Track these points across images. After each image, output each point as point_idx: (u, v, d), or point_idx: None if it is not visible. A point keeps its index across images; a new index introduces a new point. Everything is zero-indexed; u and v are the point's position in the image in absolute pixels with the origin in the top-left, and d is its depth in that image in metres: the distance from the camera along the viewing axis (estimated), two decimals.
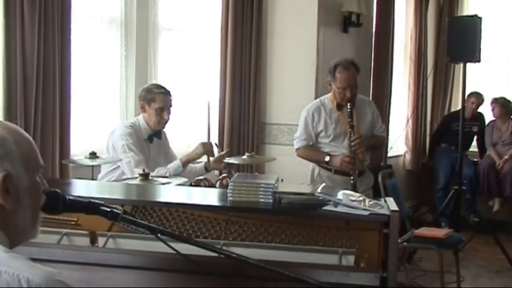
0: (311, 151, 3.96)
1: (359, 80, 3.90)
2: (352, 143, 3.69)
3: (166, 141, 3.94)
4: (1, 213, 1.21)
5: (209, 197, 2.43)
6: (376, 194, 4.10)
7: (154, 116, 3.64)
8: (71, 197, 1.47)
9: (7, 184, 1.20)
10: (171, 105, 3.70)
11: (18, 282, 1.08)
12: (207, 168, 3.79)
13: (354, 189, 3.46)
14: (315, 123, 3.90)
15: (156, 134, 3.74)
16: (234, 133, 4.93)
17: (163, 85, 3.81)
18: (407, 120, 7.10)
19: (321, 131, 3.89)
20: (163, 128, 3.76)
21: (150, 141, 3.72)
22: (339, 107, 3.86)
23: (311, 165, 4.05)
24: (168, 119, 3.71)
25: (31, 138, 1.30)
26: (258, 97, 5.04)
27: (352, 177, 3.67)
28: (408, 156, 7.17)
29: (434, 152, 7.05)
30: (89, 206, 1.53)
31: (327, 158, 3.82)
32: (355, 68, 3.85)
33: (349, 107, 3.71)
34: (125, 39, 4.59)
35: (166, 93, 3.68)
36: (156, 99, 3.63)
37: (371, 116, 3.97)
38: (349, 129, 3.71)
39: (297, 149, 4.00)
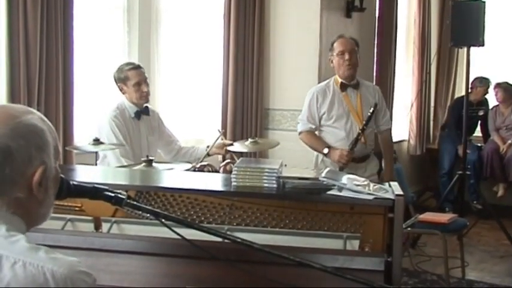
0: (312, 138, 3.94)
1: (360, 64, 3.88)
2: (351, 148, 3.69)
3: (159, 120, 3.90)
4: (29, 202, 1.20)
5: (213, 182, 2.42)
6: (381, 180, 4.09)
7: (134, 93, 3.62)
8: (74, 182, 1.47)
9: (43, 176, 1.20)
10: (146, 78, 3.68)
11: (43, 274, 1.08)
12: (208, 153, 3.78)
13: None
14: (319, 104, 3.88)
15: (142, 111, 3.71)
16: (237, 119, 4.91)
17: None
18: (412, 105, 7.07)
19: (324, 113, 3.86)
20: (147, 101, 3.73)
21: (138, 118, 3.68)
22: (343, 87, 3.83)
23: (315, 152, 4.03)
24: (148, 91, 3.68)
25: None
26: (261, 82, 5.02)
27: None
28: (412, 142, 7.15)
29: (439, 137, 7.03)
30: (93, 191, 1.52)
31: (326, 151, 3.80)
32: (354, 40, 3.89)
33: (370, 111, 3.72)
34: (128, 26, 4.58)
35: (137, 67, 3.67)
36: (130, 76, 3.62)
37: (375, 102, 3.89)
38: (359, 131, 3.70)
39: (300, 133, 3.98)
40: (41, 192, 1.21)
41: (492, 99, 6.81)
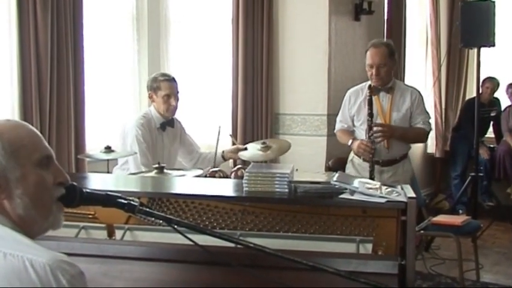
0: (342, 133, 4.00)
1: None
2: (374, 130, 3.64)
3: (181, 129, 3.95)
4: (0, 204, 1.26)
5: (225, 187, 2.42)
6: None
7: (162, 104, 3.67)
8: (87, 190, 1.48)
9: None
10: (177, 92, 3.72)
11: (22, 263, 1.11)
12: (224, 157, 3.83)
13: (370, 178, 3.44)
14: (350, 106, 3.93)
15: (168, 123, 3.76)
16: (248, 124, 4.92)
17: (172, 74, 3.83)
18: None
19: (354, 115, 3.90)
20: (174, 114, 3.77)
21: (163, 129, 3.74)
22: (375, 91, 3.79)
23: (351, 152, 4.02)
24: (176, 105, 3.72)
25: (31, 131, 1.33)
26: (271, 87, 5.02)
27: (369, 168, 3.65)
28: (429, 144, 7.11)
29: (451, 138, 6.99)
30: (106, 199, 1.53)
31: (349, 142, 3.84)
32: (387, 47, 3.80)
33: (368, 95, 3.69)
34: (137, 34, 4.60)
35: (170, 80, 3.71)
36: (162, 87, 3.67)
37: (409, 105, 3.83)
38: (368, 117, 3.67)
39: (335, 132, 4.07)
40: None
41: (504, 99, 6.76)
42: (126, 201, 1.53)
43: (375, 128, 3.65)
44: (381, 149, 3.72)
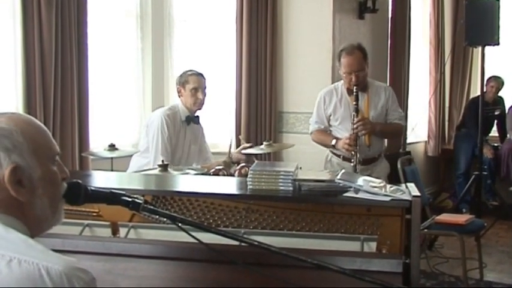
0: (321, 135, 3.98)
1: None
2: (355, 125, 3.67)
3: (203, 133, 4.00)
4: (18, 205, 1.21)
5: (229, 185, 2.42)
6: (393, 182, 4.06)
7: (189, 97, 3.74)
8: (92, 188, 1.48)
9: (19, 176, 1.20)
10: (205, 87, 3.80)
11: (38, 270, 1.08)
12: (232, 159, 3.87)
13: (354, 172, 3.48)
14: (325, 106, 3.94)
15: (193, 119, 3.82)
16: (251, 122, 4.92)
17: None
18: (429, 106, 7.03)
19: (331, 114, 3.92)
20: (200, 108, 3.82)
21: (188, 123, 3.80)
22: (350, 91, 3.84)
23: (326, 151, 4.05)
24: (203, 100, 3.78)
25: (43, 127, 1.30)
26: (275, 86, 5.02)
27: (352, 160, 3.66)
28: (432, 143, 7.11)
29: (455, 137, 6.98)
30: (110, 196, 1.52)
31: (333, 142, 3.85)
32: (361, 52, 3.80)
33: (355, 90, 3.70)
34: (141, 32, 4.61)
35: (198, 75, 3.79)
36: (190, 81, 3.74)
37: (384, 102, 3.90)
38: (353, 112, 3.70)
39: (311, 133, 4.05)
40: (23, 193, 1.21)
41: (508, 98, 6.74)
42: (130, 199, 1.53)
43: (355, 120, 3.66)
44: (363, 147, 3.74)
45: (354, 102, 3.69)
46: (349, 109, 3.83)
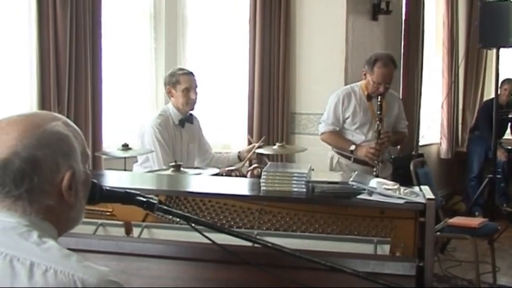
0: (337, 137, 3.96)
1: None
2: (381, 136, 3.71)
3: (199, 128, 3.91)
4: (60, 207, 1.21)
5: (242, 186, 2.42)
6: (405, 184, 4.06)
7: (181, 98, 3.61)
8: (107, 187, 1.48)
9: (72, 181, 1.21)
10: (196, 86, 3.68)
11: (73, 282, 1.08)
12: (240, 157, 3.80)
13: None
14: (344, 108, 3.91)
15: (187, 119, 3.72)
16: (264, 123, 4.92)
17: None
18: (442, 108, 6.99)
19: (348, 117, 3.91)
20: (193, 108, 3.71)
21: (182, 126, 3.69)
22: (369, 97, 3.87)
23: (330, 153, 4.05)
24: (196, 99, 3.67)
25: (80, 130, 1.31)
26: (287, 87, 5.02)
27: (375, 169, 3.69)
28: (444, 145, 7.07)
29: (468, 139, 6.93)
30: (125, 196, 1.53)
31: (353, 147, 3.83)
32: (394, 65, 3.86)
33: (379, 100, 3.72)
34: (155, 32, 4.63)
35: (189, 74, 3.67)
36: (181, 81, 3.62)
37: (397, 111, 4.02)
38: (378, 122, 3.72)
39: (322, 133, 4.00)
40: (71, 196, 1.21)
41: None
42: (145, 199, 1.53)
43: (383, 132, 3.73)
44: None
45: (378, 112, 3.71)
46: (368, 115, 3.87)
